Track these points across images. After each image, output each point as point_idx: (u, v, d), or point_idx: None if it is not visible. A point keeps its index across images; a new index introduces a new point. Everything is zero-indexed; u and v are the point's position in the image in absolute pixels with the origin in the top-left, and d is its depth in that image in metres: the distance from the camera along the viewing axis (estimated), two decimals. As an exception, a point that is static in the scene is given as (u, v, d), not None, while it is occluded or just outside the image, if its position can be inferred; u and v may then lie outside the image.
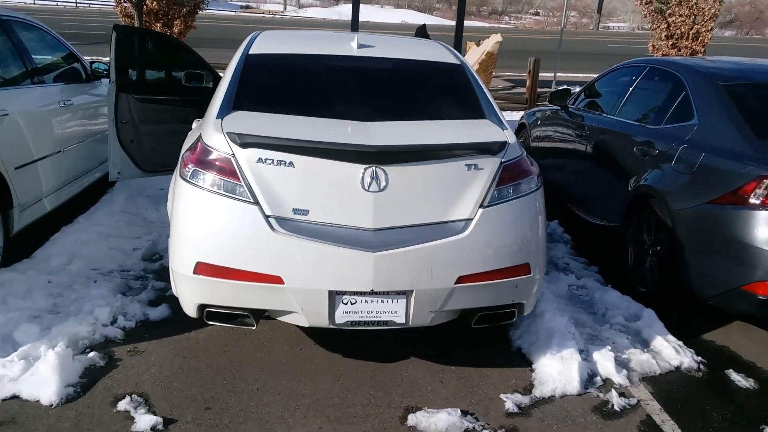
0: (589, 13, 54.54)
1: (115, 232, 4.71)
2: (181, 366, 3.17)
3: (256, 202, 2.76)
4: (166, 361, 3.21)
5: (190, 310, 2.93)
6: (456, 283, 2.77)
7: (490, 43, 12.05)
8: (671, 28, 13.15)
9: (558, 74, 14.81)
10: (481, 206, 2.83)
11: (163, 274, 4.19)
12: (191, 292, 2.89)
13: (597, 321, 3.76)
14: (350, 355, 3.29)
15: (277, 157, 2.79)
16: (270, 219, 2.74)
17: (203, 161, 2.86)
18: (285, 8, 46.09)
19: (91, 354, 3.18)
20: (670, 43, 13.20)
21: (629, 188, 4.30)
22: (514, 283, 2.89)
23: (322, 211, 2.78)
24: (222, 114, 3.08)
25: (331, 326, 2.80)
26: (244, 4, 47.99)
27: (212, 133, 2.92)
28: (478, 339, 3.44)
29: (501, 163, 2.93)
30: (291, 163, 2.79)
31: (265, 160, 2.79)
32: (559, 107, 5.82)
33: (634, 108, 4.80)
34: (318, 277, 2.73)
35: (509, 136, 3.08)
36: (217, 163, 2.83)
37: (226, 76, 3.46)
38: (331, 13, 46.29)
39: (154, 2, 12.27)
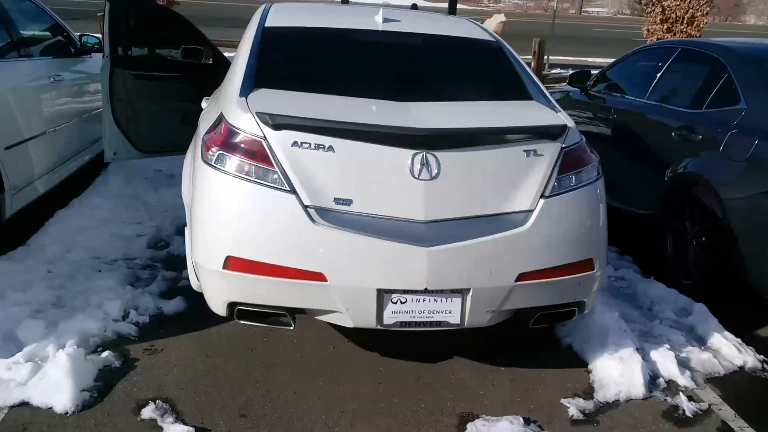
0: (564, -2, 54.48)
1: (114, 217, 4.36)
2: (206, 367, 2.87)
3: (293, 191, 2.45)
4: (189, 360, 2.90)
5: (219, 308, 2.63)
6: (516, 280, 2.51)
7: (493, 23, 11.75)
8: (666, 12, 13.01)
9: (550, 57, 14.57)
10: (542, 196, 2.57)
11: (172, 262, 3.87)
12: (220, 289, 2.59)
13: (645, 315, 3.53)
14: (389, 354, 3.02)
15: (315, 140, 2.48)
16: (309, 209, 2.45)
17: (230, 144, 2.54)
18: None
19: (105, 353, 2.86)
20: (665, 27, 13.05)
21: (667, 175, 4.08)
22: (576, 281, 2.65)
23: (367, 202, 2.49)
24: (245, 92, 2.76)
25: (379, 327, 2.53)
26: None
27: (237, 113, 2.60)
28: (523, 336, 3.19)
29: (562, 148, 2.66)
30: (331, 148, 2.49)
31: (301, 143, 2.48)
32: (578, 89, 5.58)
33: (667, 91, 4.56)
34: (365, 274, 2.44)
35: (566, 119, 2.82)
36: (246, 146, 2.51)
37: (242, 51, 3.13)
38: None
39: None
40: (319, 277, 2.44)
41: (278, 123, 2.48)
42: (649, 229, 4.36)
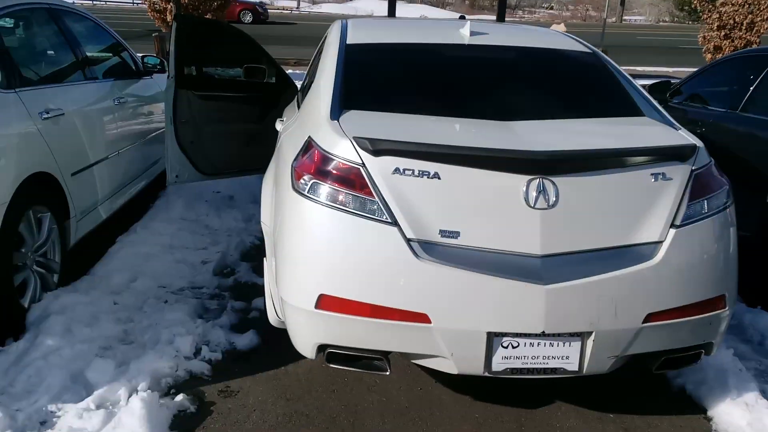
0: (602, 6, 53.67)
1: (177, 243, 4.20)
2: (286, 411, 2.64)
3: (395, 223, 2.22)
4: (268, 404, 2.69)
5: (307, 350, 2.40)
6: (644, 321, 2.23)
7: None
8: (723, 18, 12.50)
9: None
10: (672, 225, 2.29)
11: (240, 291, 3.68)
12: (310, 330, 2.36)
13: (757, 351, 3.20)
14: (483, 397, 2.75)
15: (419, 167, 2.25)
16: (412, 243, 2.21)
17: (324, 172, 2.33)
18: (299, 5, 45.40)
19: (179, 397, 2.66)
20: (723, 33, 12.54)
21: (771, 194, 3.73)
22: (707, 320, 2.35)
23: (477, 234, 2.24)
24: (335, 114, 2.55)
25: (486, 374, 2.27)
26: (258, 0, 47.39)
27: (332, 137, 2.38)
28: (627, 377, 2.88)
29: (692, 171, 2.38)
30: (436, 175, 2.25)
31: (404, 170, 2.25)
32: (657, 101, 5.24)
33: (764, 103, 4.21)
34: (474, 315, 2.20)
35: (693, 138, 2.54)
36: (342, 174, 2.30)
37: (326, 70, 2.93)
38: (346, 8, 45.57)
39: (187, -5, 11.74)
40: (421, 318, 2.21)
41: (378, 148, 2.26)
42: (748, 253, 3.99)
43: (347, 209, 2.27)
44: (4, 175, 2.81)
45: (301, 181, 2.38)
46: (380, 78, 2.98)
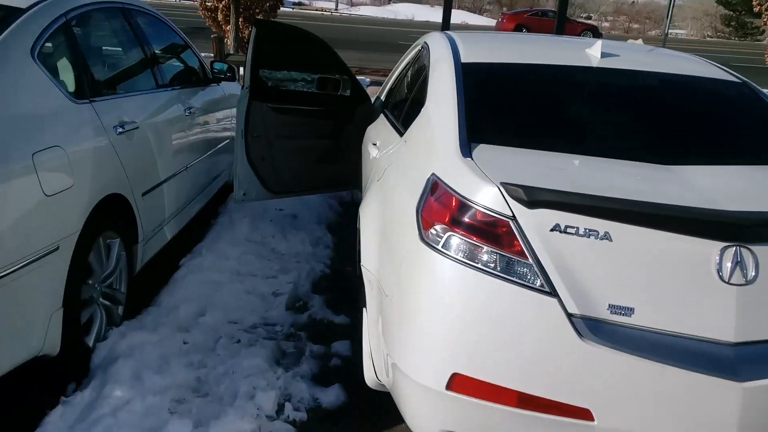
0: (641, 19, 52.68)
1: (245, 269, 3.83)
2: (390, 496, 2.26)
3: (553, 292, 1.82)
4: (367, 484, 2.30)
5: None
6: None
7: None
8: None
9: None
10: None
11: (317, 331, 3.31)
12: (434, 414, 1.97)
13: None
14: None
15: (586, 224, 1.84)
16: (574, 319, 1.81)
17: (462, 223, 1.93)
18: (337, 6, 45.25)
19: (266, 470, 2.29)
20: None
21: None
22: None
23: (654, 312, 1.83)
24: (465, 149, 2.16)
25: None
26: (297, 0, 47.30)
27: (470, 180, 1.99)
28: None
29: None
30: (606, 235, 1.84)
31: (565, 228, 1.84)
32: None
33: None
34: (650, 415, 1.78)
35: None
36: (486, 227, 1.90)
37: (441, 92, 2.55)
38: (384, 11, 45.33)
39: (239, -5, 11.47)
40: (583, 414, 1.80)
41: (535, 199, 1.85)
42: None
43: (492, 271, 1.87)
44: (76, 200, 2.46)
45: (432, 231, 1.99)
46: (508, 105, 2.59)
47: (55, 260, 2.29)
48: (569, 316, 1.81)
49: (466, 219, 1.94)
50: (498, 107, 2.55)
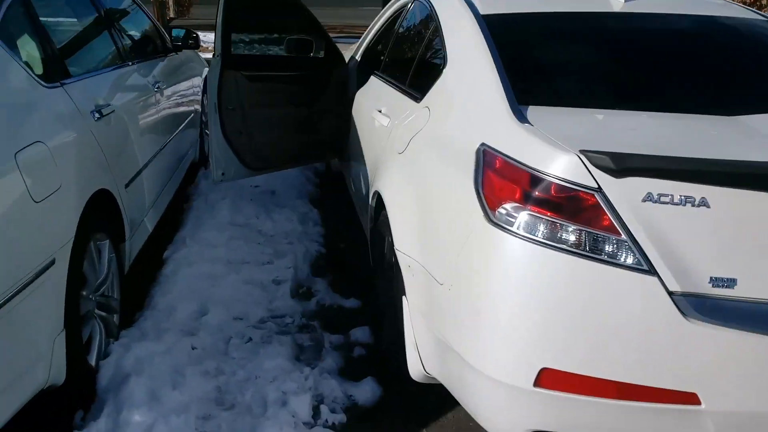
0: None
1: (236, 257, 3.52)
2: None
3: (652, 270, 1.64)
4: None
5: None
6: None
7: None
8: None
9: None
10: None
11: (330, 319, 3.07)
12: (521, 413, 1.78)
13: None
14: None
15: (681, 191, 1.65)
16: (675, 297, 1.64)
17: (539, 200, 1.71)
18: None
19: (320, 487, 2.07)
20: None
21: None
22: None
23: (759, 281, 1.67)
24: (520, 114, 1.94)
25: None
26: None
27: (539, 148, 1.76)
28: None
29: None
30: (703, 201, 1.65)
31: (659, 197, 1.65)
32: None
33: None
34: (763, 394, 1.65)
35: None
36: (568, 202, 1.69)
37: (469, 51, 2.30)
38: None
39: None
40: (689, 398, 1.65)
41: (625, 167, 1.65)
42: None
43: (579, 251, 1.67)
44: (66, 203, 2.09)
45: (501, 210, 1.77)
46: (549, 61, 2.37)
47: (53, 276, 1.95)
48: (670, 294, 1.64)
49: (542, 194, 1.72)
50: (538, 64, 2.33)
